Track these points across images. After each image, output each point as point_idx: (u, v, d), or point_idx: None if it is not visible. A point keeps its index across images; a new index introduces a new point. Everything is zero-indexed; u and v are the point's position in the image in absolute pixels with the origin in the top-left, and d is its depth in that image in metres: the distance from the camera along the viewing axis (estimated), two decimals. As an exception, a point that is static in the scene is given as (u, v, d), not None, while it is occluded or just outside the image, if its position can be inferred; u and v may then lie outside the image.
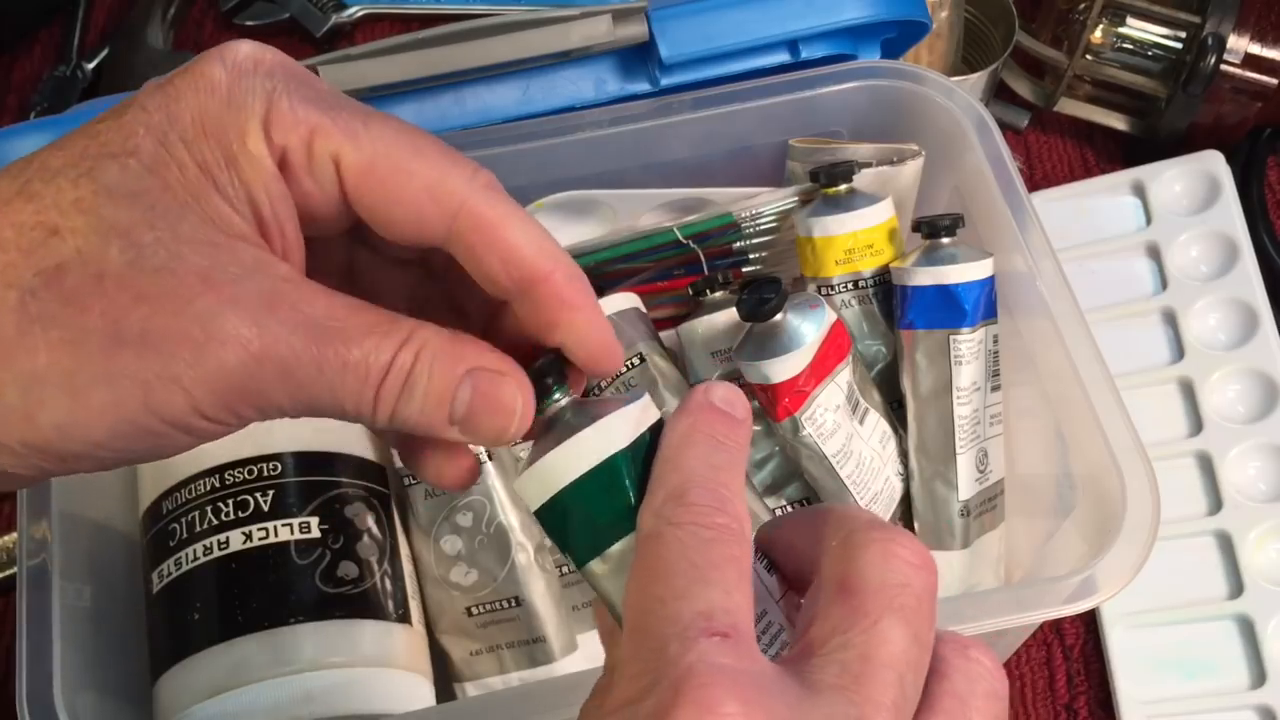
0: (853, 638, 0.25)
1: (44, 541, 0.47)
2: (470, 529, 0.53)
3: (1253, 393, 0.64)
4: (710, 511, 0.26)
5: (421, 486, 0.54)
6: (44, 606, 0.46)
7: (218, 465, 0.51)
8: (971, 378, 0.53)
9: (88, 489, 0.51)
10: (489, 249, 0.30)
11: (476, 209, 0.29)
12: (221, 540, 0.49)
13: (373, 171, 0.29)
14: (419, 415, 0.29)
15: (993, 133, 0.56)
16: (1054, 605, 0.45)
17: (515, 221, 0.30)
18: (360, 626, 0.49)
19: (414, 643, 0.52)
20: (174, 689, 0.48)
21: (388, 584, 0.51)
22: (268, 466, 0.51)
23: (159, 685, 0.49)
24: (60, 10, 0.84)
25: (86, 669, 0.46)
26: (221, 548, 0.49)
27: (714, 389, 0.29)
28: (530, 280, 0.30)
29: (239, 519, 0.50)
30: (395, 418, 0.29)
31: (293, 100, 0.28)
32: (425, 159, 0.29)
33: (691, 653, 0.23)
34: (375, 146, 0.29)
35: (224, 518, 0.50)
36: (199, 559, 0.49)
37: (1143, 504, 0.46)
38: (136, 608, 0.52)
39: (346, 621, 0.49)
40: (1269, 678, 0.58)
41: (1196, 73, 0.69)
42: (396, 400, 0.29)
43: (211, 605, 0.48)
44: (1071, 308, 0.51)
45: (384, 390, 0.28)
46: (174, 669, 0.48)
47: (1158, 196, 0.70)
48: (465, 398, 0.29)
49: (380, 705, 0.49)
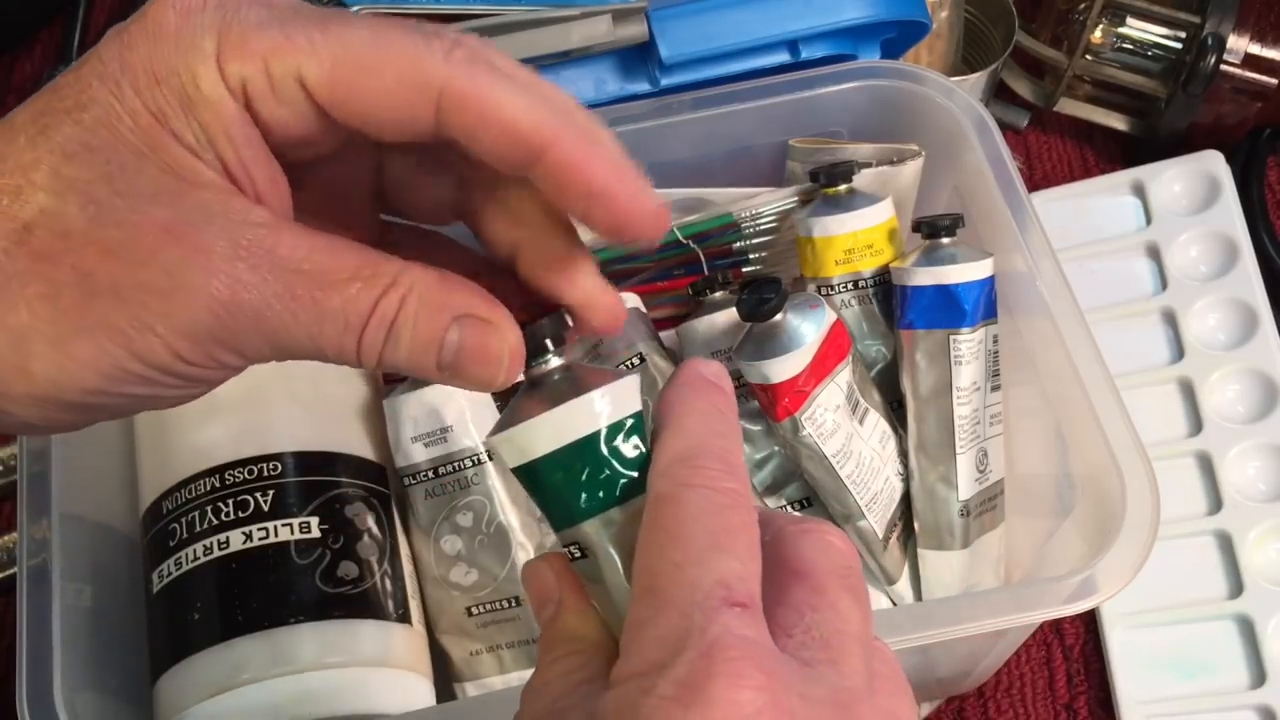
0: (823, 616, 0.27)
1: (44, 541, 0.47)
2: (470, 529, 0.53)
3: (1252, 393, 0.64)
4: (721, 475, 0.27)
5: (422, 486, 0.54)
6: (44, 606, 0.46)
7: (218, 465, 0.51)
8: (971, 378, 0.53)
9: (88, 489, 0.51)
10: (483, 127, 0.27)
11: (458, 87, 0.27)
12: (221, 540, 0.49)
13: (339, 79, 0.27)
14: (405, 361, 0.28)
15: (993, 133, 0.56)
16: (1054, 605, 0.45)
17: (504, 90, 0.27)
18: (360, 626, 0.49)
19: (414, 643, 0.52)
20: (174, 689, 0.48)
21: (388, 584, 0.51)
22: (268, 466, 0.51)
23: (159, 685, 0.49)
24: (60, 10, 0.84)
25: (86, 669, 0.46)
26: (221, 548, 0.49)
27: (706, 364, 0.29)
28: (535, 152, 0.27)
29: (239, 519, 0.50)
30: (382, 363, 0.28)
31: (244, 28, 0.27)
32: (392, 48, 0.27)
33: (716, 623, 0.24)
34: (335, 51, 0.27)
35: (224, 518, 0.50)
36: (199, 559, 0.49)
37: (1143, 504, 0.46)
38: (136, 608, 0.52)
39: (346, 621, 0.49)
40: (1269, 678, 0.58)
41: (1196, 73, 0.69)
42: (381, 347, 0.28)
43: (211, 605, 0.48)
44: (1071, 308, 0.51)
45: (366, 337, 0.28)
46: (174, 669, 0.48)
47: (1157, 196, 0.70)
48: (454, 344, 0.28)
49: (380, 705, 0.49)
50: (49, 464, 0.49)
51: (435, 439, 0.53)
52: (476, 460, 0.53)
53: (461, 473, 0.53)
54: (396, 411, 0.53)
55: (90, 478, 0.52)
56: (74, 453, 0.50)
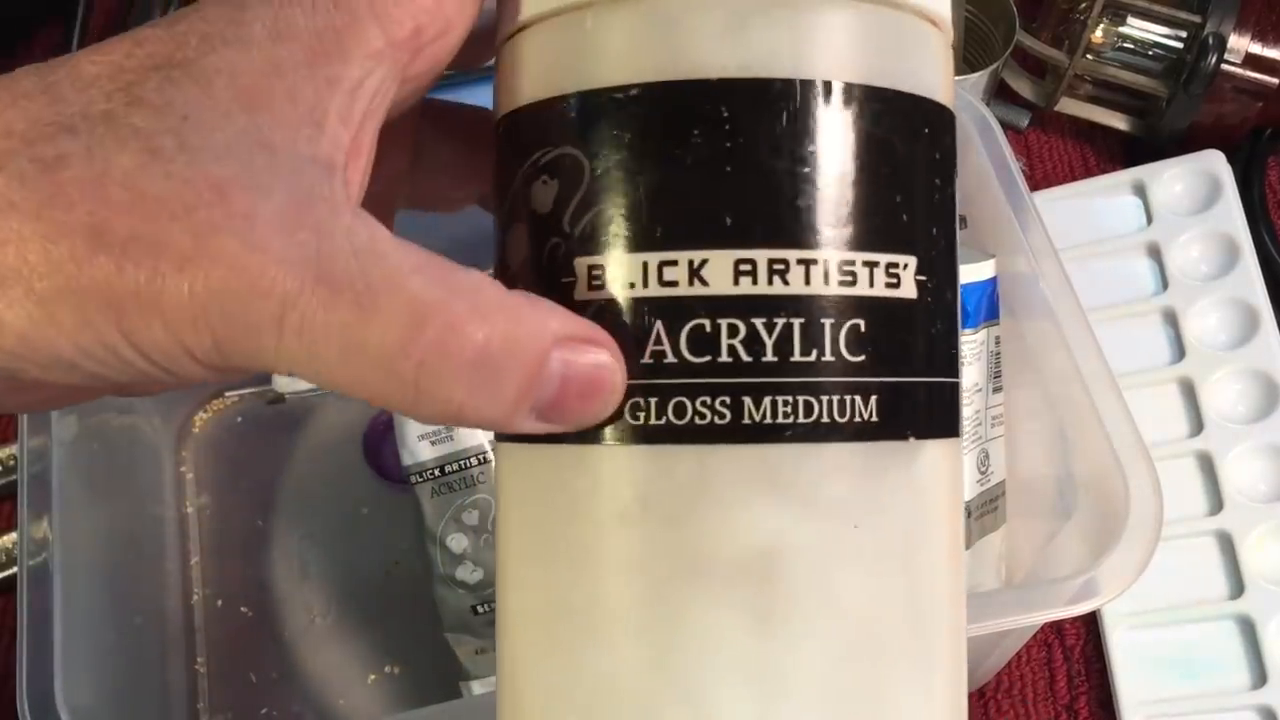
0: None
1: (44, 541, 0.47)
2: (476, 527, 0.53)
3: (1253, 393, 0.64)
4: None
5: (428, 485, 0.54)
6: (44, 606, 0.46)
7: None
8: (973, 379, 0.53)
9: (88, 489, 0.51)
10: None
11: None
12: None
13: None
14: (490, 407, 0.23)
15: (995, 133, 0.56)
16: (1056, 607, 0.45)
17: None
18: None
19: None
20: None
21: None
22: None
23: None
24: (60, 11, 0.83)
25: (86, 669, 0.46)
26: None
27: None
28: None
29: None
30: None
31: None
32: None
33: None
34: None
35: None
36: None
37: (1146, 505, 0.46)
38: (136, 608, 0.51)
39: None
40: (1270, 678, 0.58)
41: (1197, 72, 0.69)
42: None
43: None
44: (1075, 309, 0.51)
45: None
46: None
47: (1158, 196, 0.70)
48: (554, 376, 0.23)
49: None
50: (49, 464, 0.49)
51: (441, 437, 0.53)
52: (483, 458, 0.53)
53: (467, 471, 0.53)
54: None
55: (90, 478, 0.52)
56: (74, 452, 0.50)
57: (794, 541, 0.23)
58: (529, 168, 0.24)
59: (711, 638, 0.23)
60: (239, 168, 0.22)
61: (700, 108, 0.23)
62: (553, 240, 0.24)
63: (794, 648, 0.23)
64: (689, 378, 0.23)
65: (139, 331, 0.22)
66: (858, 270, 0.23)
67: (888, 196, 0.24)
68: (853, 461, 0.23)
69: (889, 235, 0.24)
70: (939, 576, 0.25)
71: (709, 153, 0.23)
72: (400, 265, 0.22)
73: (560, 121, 0.24)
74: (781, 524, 0.23)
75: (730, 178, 0.23)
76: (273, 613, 0.62)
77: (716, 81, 0.23)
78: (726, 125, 0.23)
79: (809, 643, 0.23)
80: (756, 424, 0.23)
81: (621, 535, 0.23)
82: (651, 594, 0.23)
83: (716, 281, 0.23)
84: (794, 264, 0.23)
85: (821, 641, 0.23)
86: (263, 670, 0.61)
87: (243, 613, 0.63)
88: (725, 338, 0.23)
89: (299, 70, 0.23)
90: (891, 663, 0.24)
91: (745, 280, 0.23)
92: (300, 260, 0.22)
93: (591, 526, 0.24)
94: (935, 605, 0.25)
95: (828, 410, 0.23)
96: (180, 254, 0.22)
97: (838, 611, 0.23)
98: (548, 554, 0.25)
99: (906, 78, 0.24)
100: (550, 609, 0.25)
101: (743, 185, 0.23)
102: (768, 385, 0.23)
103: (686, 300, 0.23)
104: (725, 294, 0.23)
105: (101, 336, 0.22)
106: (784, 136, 0.23)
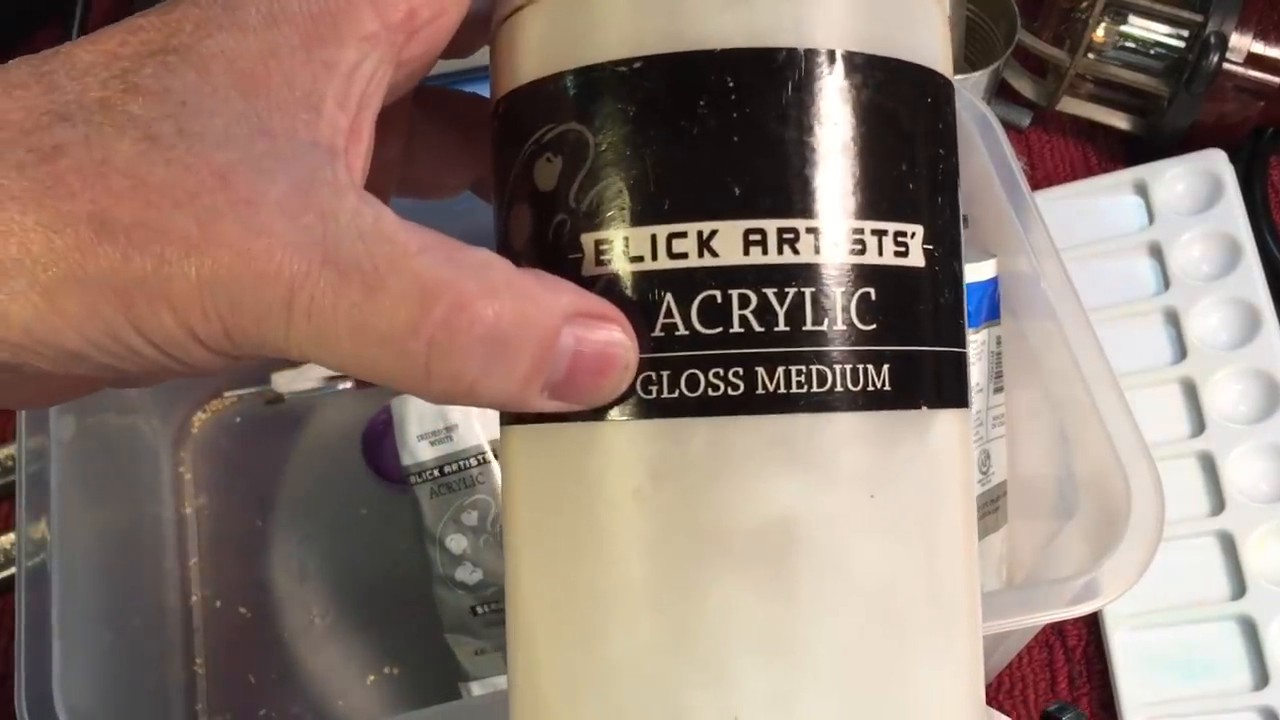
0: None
1: (44, 541, 0.47)
2: (476, 528, 0.53)
3: (1255, 393, 0.64)
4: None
5: (427, 485, 0.54)
6: (44, 606, 0.46)
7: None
8: (974, 379, 0.53)
9: (88, 489, 0.51)
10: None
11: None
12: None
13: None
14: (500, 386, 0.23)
15: (996, 132, 0.56)
16: (1058, 607, 0.45)
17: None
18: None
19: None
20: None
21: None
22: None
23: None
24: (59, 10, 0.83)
25: (86, 669, 0.46)
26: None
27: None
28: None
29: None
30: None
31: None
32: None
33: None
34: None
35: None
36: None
37: (1147, 506, 0.46)
38: (135, 608, 0.51)
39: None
40: (1271, 679, 0.57)
41: (1199, 71, 0.69)
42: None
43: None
44: (1076, 309, 0.51)
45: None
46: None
47: (1160, 196, 0.70)
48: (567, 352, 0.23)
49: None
50: (49, 464, 0.49)
51: (441, 437, 0.53)
52: (482, 459, 0.53)
53: (467, 471, 0.53)
54: (403, 409, 0.53)
55: (89, 478, 0.52)
56: (72, 453, 0.50)
57: (811, 512, 0.23)
58: (531, 146, 0.24)
59: (730, 611, 0.23)
60: (240, 153, 0.22)
61: (706, 79, 0.23)
62: (558, 217, 0.24)
63: (814, 619, 0.23)
64: (701, 349, 0.23)
65: (147, 319, 0.22)
66: (866, 239, 0.23)
67: (894, 165, 0.24)
68: (867, 431, 0.23)
69: (896, 204, 0.24)
70: (956, 546, 0.25)
71: (716, 124, 0.23)
72: (407, 245, 0.22)
73: (562, 98, 0.24)
74: (797, 494, 0.23)
75: (738, 148, 0.23)
76: (272, 613, 0.62)
77: (721, 52, 0.23)
78: (732, 95, 0.23)
79: (828, 614, 0.23)
80: (770, 394, 0.23)
81: (636, 511, 0.23)
82: (668, 570, 0.23)
83: (726, 252, 0.23)
84: (803, 233, 0.23)
85: (841, 612, 0.23)
86: (262, 671, 0.61)
87: (242, 613, 0.63)
88: (737, 308, 0.23)
89: (295, 54, 0.23)
90: (911, 632, 0.24)
91: (755, 250, 0.23)
92: (307, 243, 0.21)
93: (604, 504, 0.24)
94: (953, 574, 0.25)
95: (841, 379, 0.23)
96: (186, 240, 0.21)
97: (856, 581, 0.23)
98: (560, 535, 0.24)
99: (909, 48, 0.24)
100: (565, 590, 0.24)
101: (750, 155, 0.23)
102: (781, 355, 0.23)
103: (697, 272, 0.23)
104: (735, 264, 0.23)
105: (109, 326, 0.22)
106: (790, 106, 0.23)
